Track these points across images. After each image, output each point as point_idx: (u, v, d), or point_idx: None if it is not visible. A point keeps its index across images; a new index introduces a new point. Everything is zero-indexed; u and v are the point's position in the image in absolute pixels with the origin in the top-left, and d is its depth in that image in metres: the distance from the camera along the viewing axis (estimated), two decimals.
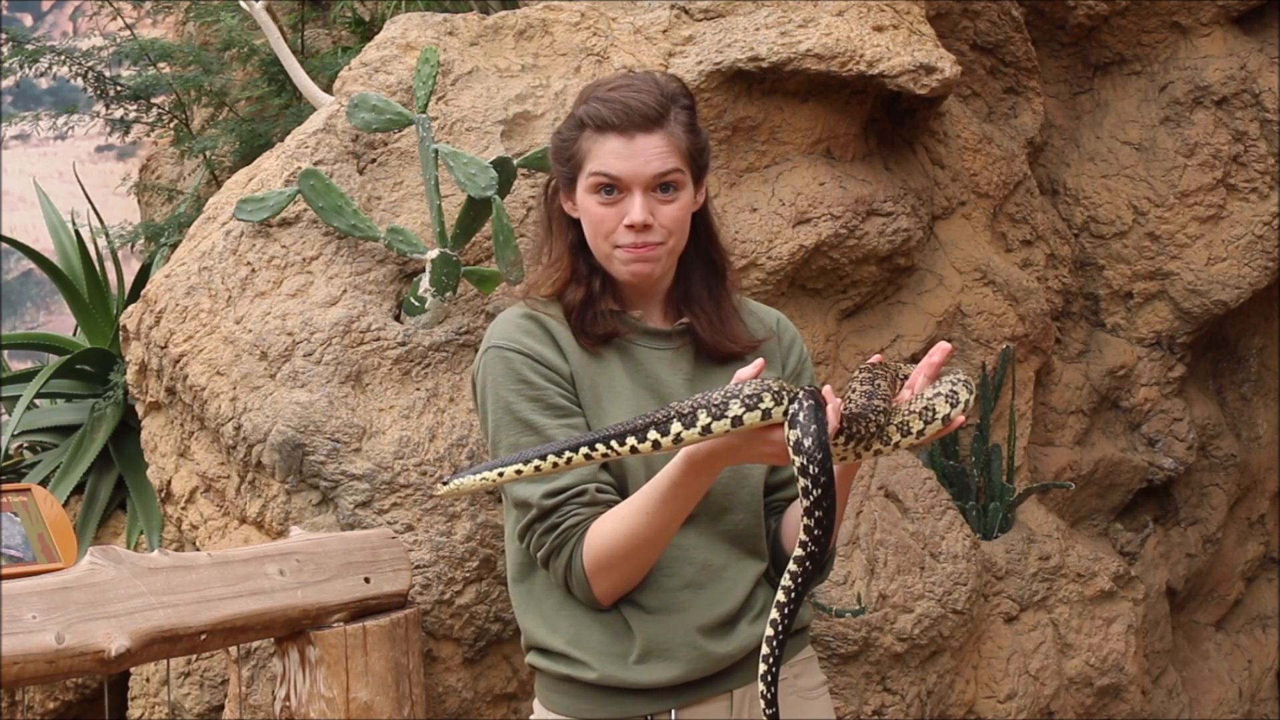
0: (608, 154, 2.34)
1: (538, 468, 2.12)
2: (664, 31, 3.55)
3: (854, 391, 2.19)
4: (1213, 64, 4.37)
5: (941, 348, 2.18)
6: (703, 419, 2.05)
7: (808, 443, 1.99)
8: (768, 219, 3.51)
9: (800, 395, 2.03)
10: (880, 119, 3.76)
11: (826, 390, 2.08)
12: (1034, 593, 3.77)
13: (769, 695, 2.08)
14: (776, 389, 2.04)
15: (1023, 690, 3.65)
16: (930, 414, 2.16)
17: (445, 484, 2.17)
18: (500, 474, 2.13)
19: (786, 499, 2.44)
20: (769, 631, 2.07)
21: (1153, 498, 4.51)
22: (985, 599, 3.66)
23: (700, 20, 3.58)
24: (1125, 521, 4.43)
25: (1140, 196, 4.40)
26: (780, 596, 2.06)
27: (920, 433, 2.17)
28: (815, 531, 2.01)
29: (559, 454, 2.12)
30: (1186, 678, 4.49)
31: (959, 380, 2.19)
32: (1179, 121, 4.39)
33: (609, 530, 2.25)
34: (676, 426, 2.06)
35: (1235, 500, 4.68)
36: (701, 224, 2.46)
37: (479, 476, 2.14)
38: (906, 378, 2.24)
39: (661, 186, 2.34)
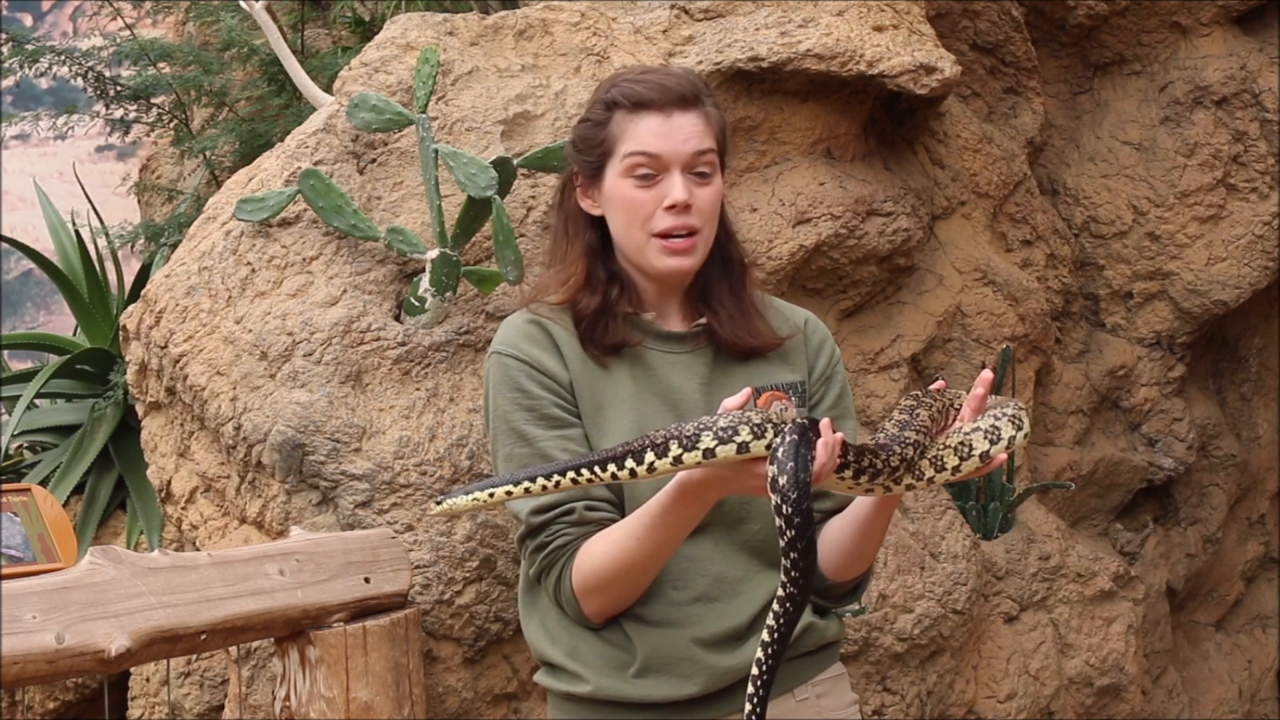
0: (645, 132, 2.26)
1: (527, 489, 2.09)
2: (664, 31, 3.55)
3: (890, 421, 2.10)
4: (1213, 64, 4.38)
5: (983, 378, 2.10)
6: (674, 450, 1.99)
7: (783, 480, 1.91)
8: (768, 219, 3.51)
9: (787, 429, 1.94)
10: (880, 119, 3.76)
11: (824, 424, 1.98)
12: (1034, 593, 3.77)
13: None
14: (758, 421, 1.96)
15: (1023, 690, 3.65)
16: (967, 450, 2.07)
17: (438, 504, 2.15)
18: (491, 494, 2.11)
19: (822, 512, 2.33)
20: (754, 670, 1.99)
21: (1153, 498, 4.51)
22: (985, 599, 3.66)
23: (700, 20, 3.58)
24: (1125, 521, 4.43)
25: (1140, 196, 4.40)
26: (764, 636, 1.98)
27: (956, 469, 2.07)
28: (793, 572, 1.92)
29: (548, 477, 2.08)
30: (1186, 678, 4.49)
31: (1005, 415, 2.08)
32: (1179, 121, 4.39)
33: (599, 553, 2.20)
34: (650, 456, 2.01)
35: (1235, 500, 4.68)
36: (720, 221, 2.40)
37: (470, 497, 2.12)
38: (960, 408, 2.14)
39: (697, 171, 2.28)
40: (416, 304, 3.10)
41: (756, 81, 3.51)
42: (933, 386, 2.19)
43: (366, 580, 2.80)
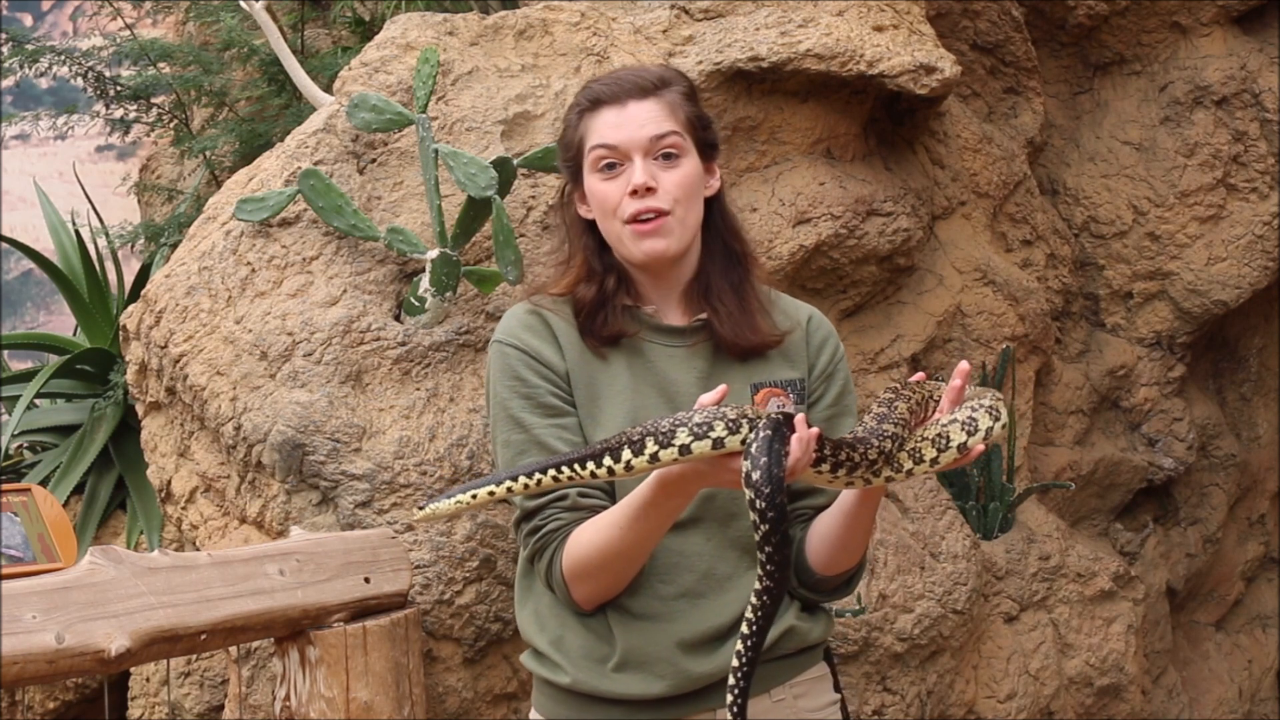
0: (602, 126, 2.32)
1: (510, 489, 2.13)
2: (664, 31, 3.55)
3: (868, 414, 2.12)
4: (1213, 64, 4.38)
5: (960, 370, 2.12)
6: (650, 446, 2.02)
7: (756, 475, 1.93)
8: (768, 219, 3.51)
9: (761, 424, 1.96)
10: (880, 119, 3.76)
11: (799, 419, 2.00)
12: (1034, 593, 3.77)
13: None
14: (733, 417, 1.98)
15: (1023, 690, 3.65)
16: (944, 441, 2.09)
17: (421, 509, 2.18)
18: (474, 496, 2.14)
19: (813, 507, 2.34)
20: (734, 663, 2.01)
21: (1153, 498, 4.51)
22: (985, 599, 3.66)
23: (700, 20, 3.58)
24: (1125, 521, 4.43)
25: (1140, 196, 4.40)
26: (743, 629, 2.00)
27: (934, 460, 2.09)
28: (768, 566, 1.95)
29: (529, 475, 2.12)
30: (1186, 678, 4.49)
31: (982, 406, 2.10)
32: (1179, 121, 4.40)
33: (586, 540, 2.23)
34: (627, 454, 2.04)
35: (1235, 500, 4.68)
36: (719, 212, 2.41)
37: (453, 500, 2.15)
38: (940, 400, 2.15)
39: (663, 155, 2.30)
40: (416, 304, 3.10)
41: (756, 81, 3.51)
42: (912, 378, 2.20)
43: (366, 580, 2.80)
